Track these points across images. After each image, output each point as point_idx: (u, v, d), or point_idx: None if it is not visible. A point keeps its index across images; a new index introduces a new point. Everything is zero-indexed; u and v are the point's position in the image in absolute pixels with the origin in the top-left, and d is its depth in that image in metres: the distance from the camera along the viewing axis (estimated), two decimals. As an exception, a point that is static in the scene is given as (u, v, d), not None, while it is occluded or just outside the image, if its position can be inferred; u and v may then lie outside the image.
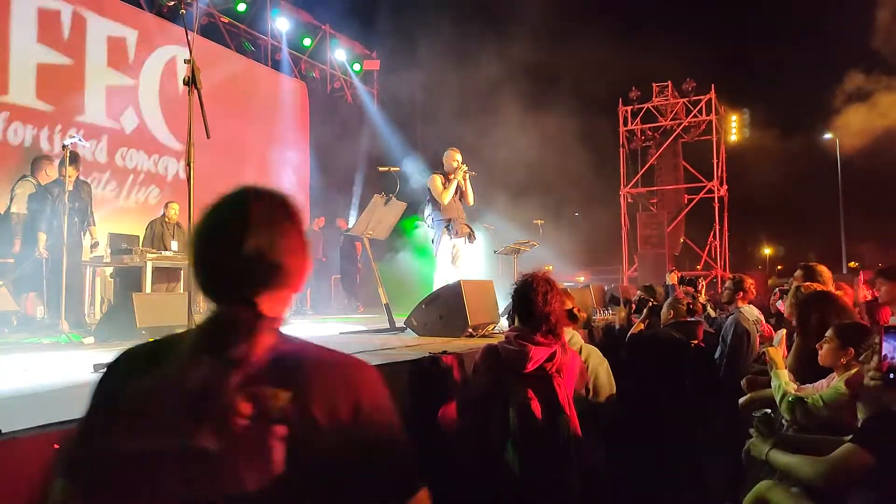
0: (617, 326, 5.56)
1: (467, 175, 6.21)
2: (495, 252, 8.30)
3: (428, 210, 6.37)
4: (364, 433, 0.84)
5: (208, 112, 3.27)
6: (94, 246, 6.50)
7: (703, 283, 6.81)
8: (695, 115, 16.74)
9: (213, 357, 0.85)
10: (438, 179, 6.18)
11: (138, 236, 8.01)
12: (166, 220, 8.15)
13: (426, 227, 6.43)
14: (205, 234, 0.95)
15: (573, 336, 3.06)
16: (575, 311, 3.12)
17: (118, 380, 0.91)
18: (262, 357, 0.88)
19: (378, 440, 0.83)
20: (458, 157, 6.30)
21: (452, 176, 6.17)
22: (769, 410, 2.49)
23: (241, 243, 0.92)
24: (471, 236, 6.38)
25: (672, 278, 7.59)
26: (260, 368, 0.86)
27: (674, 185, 17.41)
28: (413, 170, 10.52)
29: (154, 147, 9.94)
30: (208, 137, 3.21)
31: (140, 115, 9.68)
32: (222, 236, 0.94)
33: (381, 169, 5.98)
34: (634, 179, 17.20)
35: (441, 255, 6.20)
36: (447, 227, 6.20)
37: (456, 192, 6.23)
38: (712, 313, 5.42)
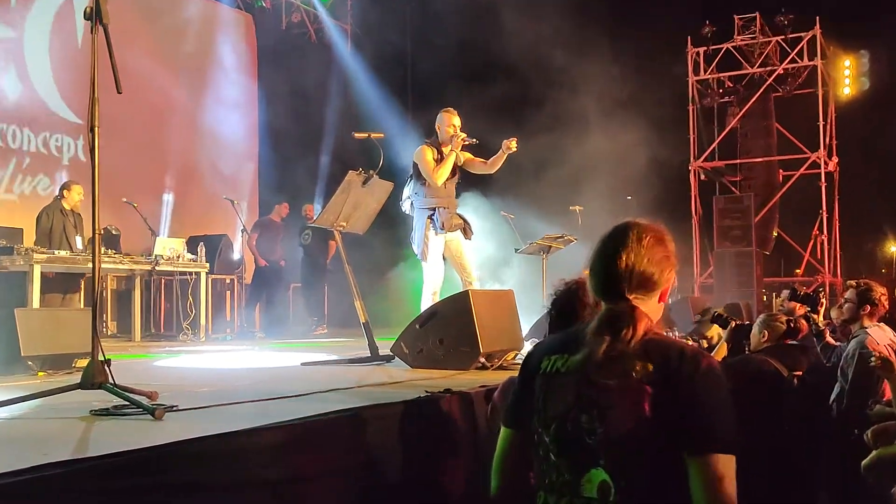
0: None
1: (466, 144, 6.21)
2: (516, 251, 8.30)
3: (408, 190, 6.36)
4: (697, 397, 1.70)
5: (119, 57, 3.27)
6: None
7: (824, 300, 6.73)
8: (793, 60, 16.71)
9: (611, 337, 1.78)
10: (429, 152, 6.20)
11: (22, 230, 8.02)
12: (64, 207, 8.14)
13: (404, 213, 6.45)
14: (598, 250, 1.92)
15: None
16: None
17: (536, 358, 1.92)
18: (639, 339, 1.77)
19: (707, 404, 1.70)
20: (456, 121, 6.30)
21: (450, 148, 6.18)
22: None
23: (618, 258, 1.85)
24: (466, 231, 6.36)
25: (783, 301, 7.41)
26: (637, 346, 1.77)
27: (764, 156, 17.39)
28: (403, 137, 10.53)
29: (44, 122, 9.92)
30: (119, 92, 3.21)
31: (25, 79, 9.65)
32: (606, 253, 1.89)
33: (357, 135, 5.97)
34: (709, 150, 17.17)
35: (430, 256, 6.19)
36: (431, 216, 6.20)
37: (453, 171, 6.23)
38: (831, 341, 5.37)
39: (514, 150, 6.13)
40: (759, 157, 17.38)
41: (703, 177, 17.25)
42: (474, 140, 6.26)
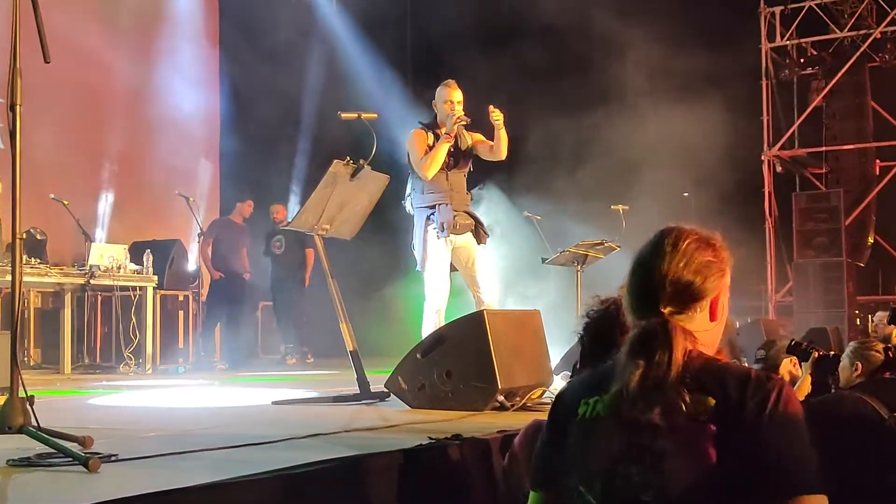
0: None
1: (460, 123, 6.26)
2: (544, 261, 8.31)
3: (409, 187, 6.50)
4: (773, 435, 1.69)
5: (47, 19, 3.30)
6: None
7: None
8: (893, 22, 16.70)
9: (645, 362, 1.78)
10: (422, 137, 6.31)
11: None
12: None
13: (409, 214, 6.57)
14: (632, 261, 1.97)
15: None
16: None
17: (571, 401, 1.92)
18: (679, 363, 1.76)
19: (785, 442, 1.70)
20: (456, 95, 6.35)
21: (445, 131, 6.26)
22: None
23: (651, 268, 1.89)
24: (479, 234, 6.43)
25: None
26: (681, 373, 1.75)
27: (856, 142, 17.37)
28: (403, 117, 10.54)
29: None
30: (47, 61, 3.24)
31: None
32: (638, 263, 1.94)
33: (343, 116, 5.98)
34: (788, 134, 17.15)
35: (429, 266, 6.24)
36: (429, 216, 6.28)
37: (449, 161, 6.29)
38: None
39: (500, 118, 6.15)
40: (850, 143, 17.34)
41: (779, 168, 17.20)
42: (467, 119, 6.29)
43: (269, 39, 13.11)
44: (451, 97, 6.31)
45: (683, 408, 1.71)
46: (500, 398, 4.95)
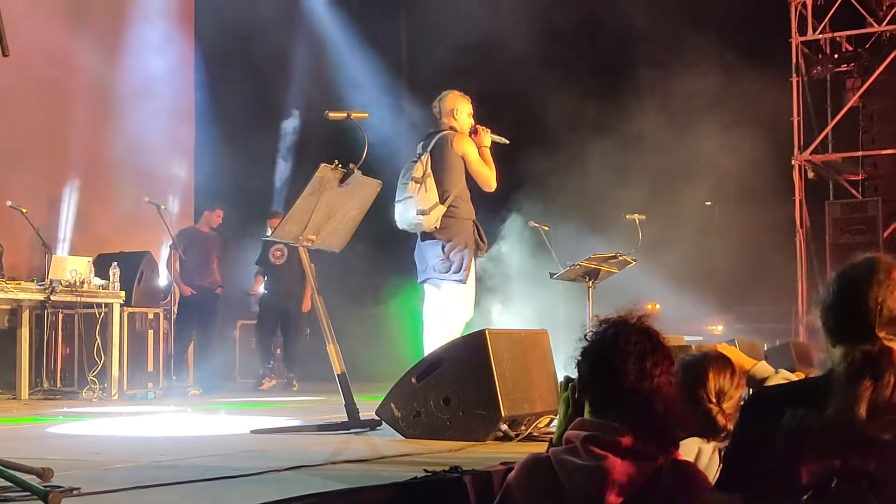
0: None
1: (499, 143, 6.94)
2: (552, 276, 8.31)
3: (429, 194, 6.55)
4: None
5: (4, 8, 3.31)
6: None
7: None
8: (936, 14, 16.75)
9: (873, 383, 1.97)
10: (473, 146, 6.79)
11: None
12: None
13: (414, 224, 6.67)
14: (838, 285, 2.19)
15: (703, 451, 3.11)
16: (713, 408, 3.13)
17: (774, 408, 2.09)
18: None
19: None
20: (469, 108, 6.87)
21: (483, 143, 6.81)
22: None
23: (868, 294, 2.10)
24: (479, 247, 6.94)
25: None
26: None
27: None
28: (395, 117, 10.56)
29: None
30: (5, 55, 3.25)
31: None
32: (851, 287, 2.15)
33: (331, 116, 6.01)
34: (820, 137, 17.19)
35: (470, 278, 6.70)
36: (477, 233, 6.83)
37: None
38: None
39: (491, 132, 6.87)
40: (889, 148, 17.36)
41: (811, 174, 17.22)
42: (505, 140, 6.94)
43: (248, 29, 13.14)
44: (469, 109, 6.80)
45: None
46: (504, 427, 4.95)
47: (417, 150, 6.80)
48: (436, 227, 6.60)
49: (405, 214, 6.63)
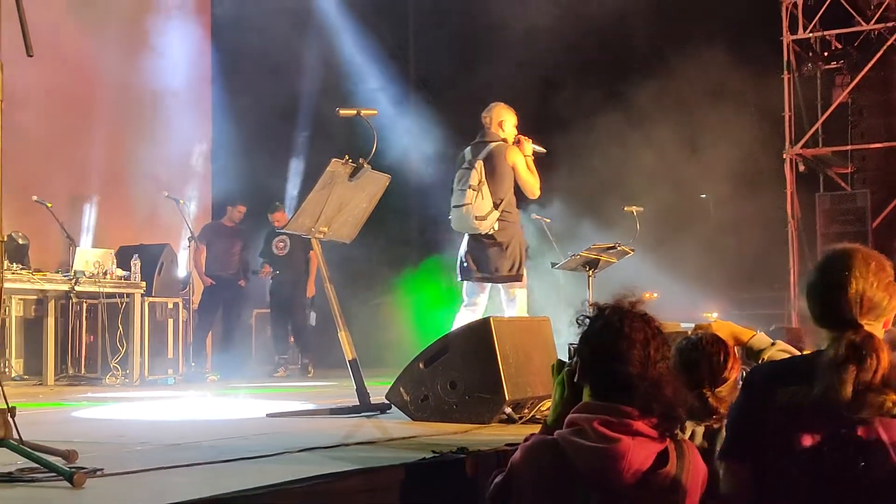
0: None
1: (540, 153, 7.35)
2: (553, 266, 8.32)
3: (480, 202, 6.88)
4: None
5: (29, 9, 3.32)
6: None
7: None
8: (923, 13, 16.66)
9: (857, 368, 2.12)
10: (522, 157, 7.10)
11: None
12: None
13: (469, 226, 6.93)
14: (818, 277, 2.33)
15: (696, 433, 3.14)
16: (706, 392, 3.16)
17: (768, 387, 2.26)
18: (885, 369, 2.11)
19: None
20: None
21: (526, 153, 7.14)
22: None
23: (848, 284, 2.23)
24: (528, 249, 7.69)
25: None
26: (883, 377, 2.12)
27: (884, 141, 17.33)
28: (402, 114, 10.55)
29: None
30: (30, 55, 3.25)
31: None
32: (832, 278, 2.27)
33: (342, 113, 6.02)
34: (811, 132, 17.09)
35: (524, 283, 7.14)
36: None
37: None
38: None
39: (531, 142, 7.20)
40: (877, 141, 17.30)
41: (802, 168, 17.16)
42: (543, 149, 7.30)
43: (265, 34, 13.11)
44: (513, 121, 7.13)
45: (886, 409, 2.09)
46: (508, 410, 4.96)
47: (466, 157, 7.03)
48: (493, 230, 6.86)
49: (465, 220, 6.89)
